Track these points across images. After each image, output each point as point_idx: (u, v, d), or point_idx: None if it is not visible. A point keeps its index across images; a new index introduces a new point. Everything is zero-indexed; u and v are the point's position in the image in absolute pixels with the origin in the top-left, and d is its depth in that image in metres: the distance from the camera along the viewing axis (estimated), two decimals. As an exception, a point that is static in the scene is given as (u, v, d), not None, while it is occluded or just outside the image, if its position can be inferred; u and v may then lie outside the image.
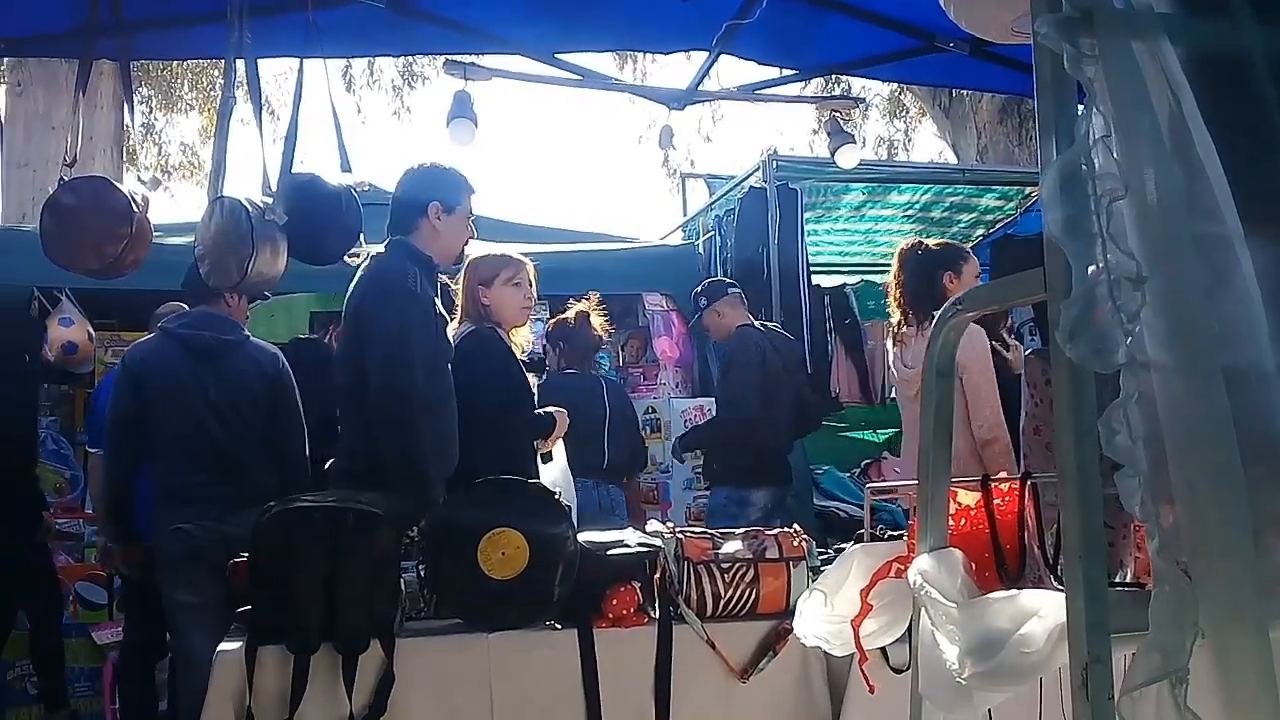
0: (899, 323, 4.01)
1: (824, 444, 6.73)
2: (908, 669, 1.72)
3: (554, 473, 3.87)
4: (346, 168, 3.54)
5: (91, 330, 5.28)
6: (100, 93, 7.50)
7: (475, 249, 3.67)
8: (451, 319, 3.58)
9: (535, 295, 3.89)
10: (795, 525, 2.93)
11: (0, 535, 4.44)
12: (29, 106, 8.21)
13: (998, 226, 7.49)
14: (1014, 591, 1.34)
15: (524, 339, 3.87)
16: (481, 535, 2.59)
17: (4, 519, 4.46)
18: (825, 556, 2.87)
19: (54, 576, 4.89)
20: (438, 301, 3.39)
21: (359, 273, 3.34)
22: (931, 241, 4.08)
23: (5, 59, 7.62)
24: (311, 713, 2.43)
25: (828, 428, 6.95)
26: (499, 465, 3.25)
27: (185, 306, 4.14)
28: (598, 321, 4.80)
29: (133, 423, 3.84)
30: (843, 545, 2.85)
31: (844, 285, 6.99)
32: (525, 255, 3.86)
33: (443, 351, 3.34)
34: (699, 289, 5.19)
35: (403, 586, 2.64)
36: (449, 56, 4.11)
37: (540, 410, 3.76)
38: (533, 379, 3.91)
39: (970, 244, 7.87)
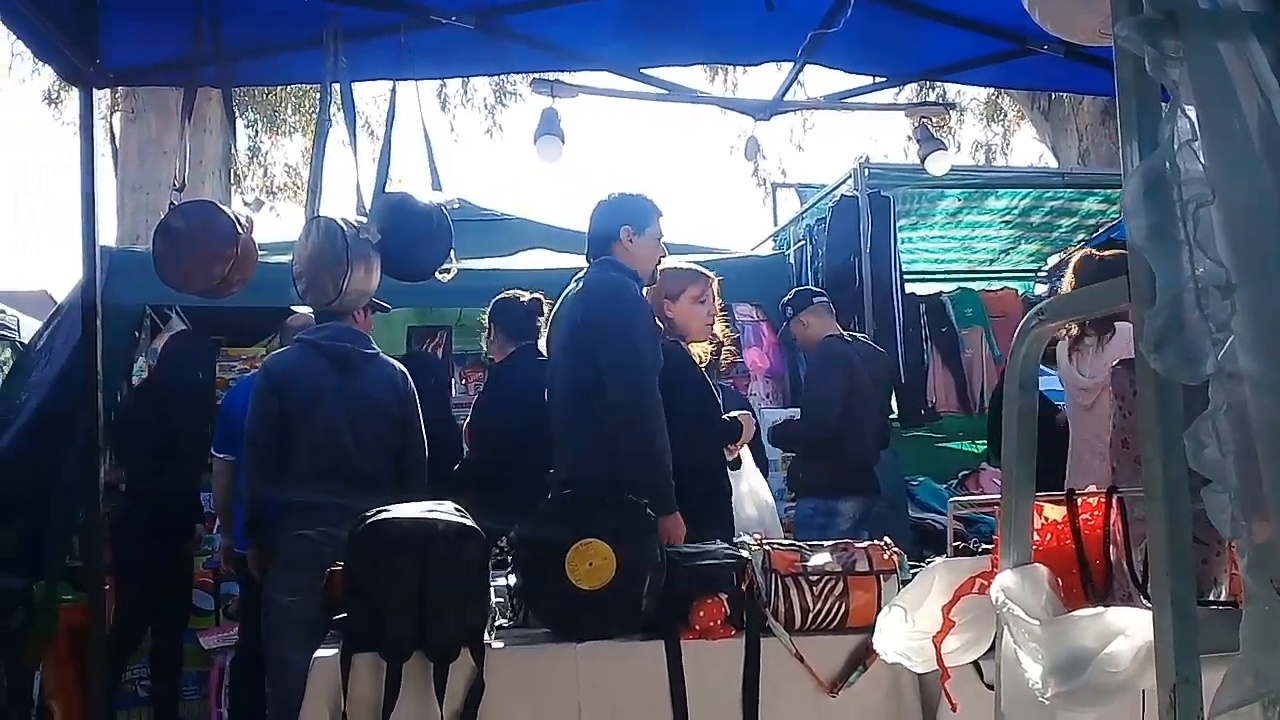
0: (1077, 335, 3.97)
1: (920, 454, 6.62)
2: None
3: (746, 479, 3.91)
4: (438, 186, 3.61)
5: (201, 346, 5.47)
6: (209, 118, 7.76)
7: (665, 262, 3.73)
8: None
9: (717, 311, 3.95)
10: (886, 538, 2.89)
11: (154, 548, 4.62)
12: (142, 132, 8.56)
13: (1101, 231, 7.29)
14: (1100, 609, 1.30)
15: (704, 351, 3.91)
16: (569, 546, 2.61)
17: (165, 532, 4.63)
18: (918, 570, 2.83)
19: (189, 588, 5.07)
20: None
21: (579, 287, 3.43)
22: (1106, 251, 4.02)
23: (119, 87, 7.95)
24: (403, 719, 2.47)
25: (924, 438, 6.84)
26: (696, 475, 3.36)
27: (314, 318, 4.25)
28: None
29: (276, 430, 3.93)
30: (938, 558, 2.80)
31: (940, 293, 6.88)
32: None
33: (660, 360, 3.42)
34: (786, 299, 5.15)
35: (492, 596, 2.67)
36: (536, 75, 4.16)
37: (726, 416, 3.82)
38: None
39: (1071, 249, 7.69)
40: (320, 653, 2.57)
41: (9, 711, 3.41)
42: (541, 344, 4.53)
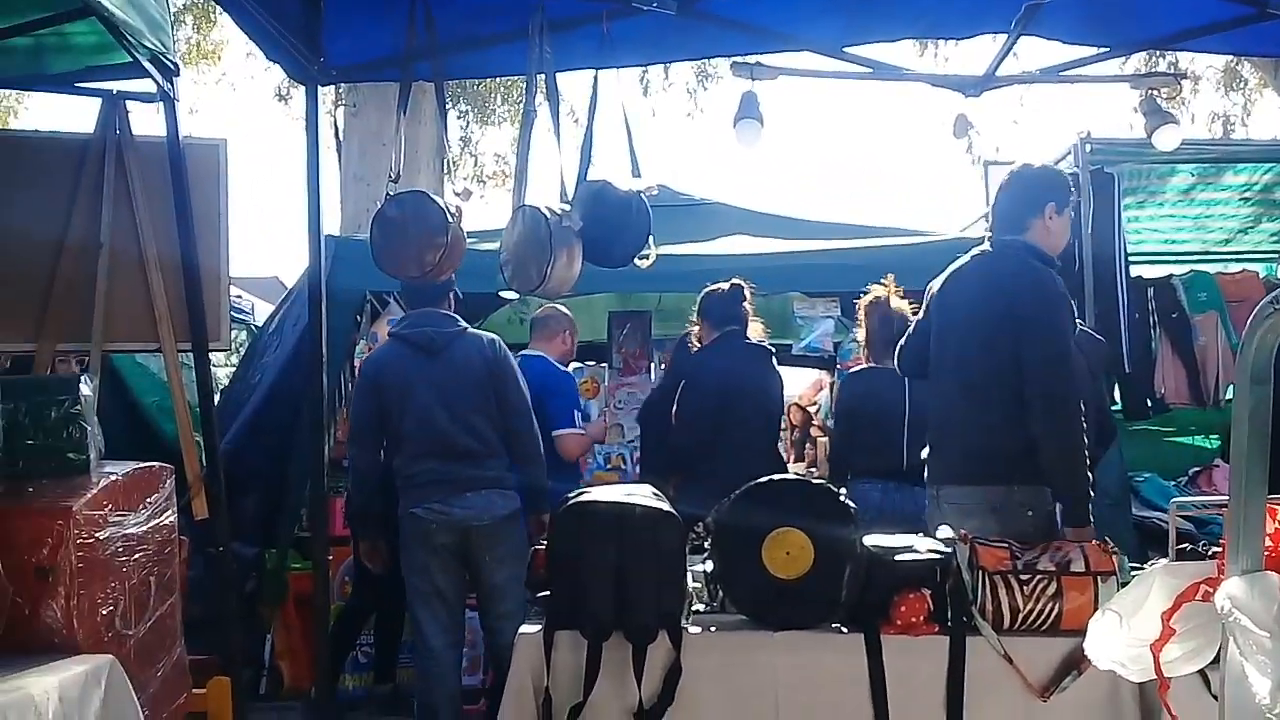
0: None
1: (1147, 449, 6.24)
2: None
3: None
4: (637, 173, 3.65)
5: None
6: (424, 109, 8.07)
7: None
8: None
9: None
10: (1105, 537, 2.75)
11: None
12: (363, 125, 9.02)
13: (1352, 209, 6.69)
14: (1340, 624, 1.18)
15: None
16: (766, 534, 2.60)
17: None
18: (1140, 571, 2.67)
19: None
20: None
21: (988, 269, 3.36)
22: None
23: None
24: (603, 697, 2.52)
25: (1151, 431, 6.45)
26: None
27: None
28: (897, 305, 4.54)
29: (376, 425, 4.24)
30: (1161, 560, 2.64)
31: (1170, 276, 6.44)
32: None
33: None
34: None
35: (690, 580, 2.69)
36: (735, 59, 4.12)
37: None
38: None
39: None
40: (525, 629, 2.67)
41: (243, 671, 3.67)
42: (750, 330, 4.54)
